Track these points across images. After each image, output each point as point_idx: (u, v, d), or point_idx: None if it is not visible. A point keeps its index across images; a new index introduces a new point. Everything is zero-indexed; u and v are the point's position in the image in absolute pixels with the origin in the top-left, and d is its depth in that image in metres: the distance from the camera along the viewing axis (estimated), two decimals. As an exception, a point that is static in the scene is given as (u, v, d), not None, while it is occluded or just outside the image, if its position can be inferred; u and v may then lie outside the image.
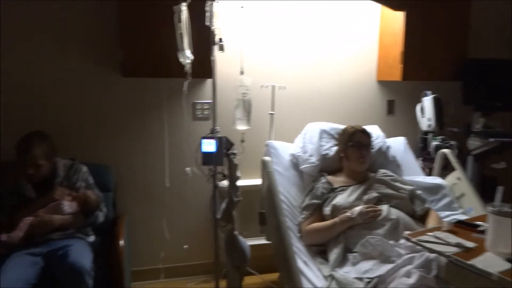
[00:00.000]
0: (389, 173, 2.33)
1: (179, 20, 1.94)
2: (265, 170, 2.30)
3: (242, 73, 2.23)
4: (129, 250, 2.41)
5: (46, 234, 2.14)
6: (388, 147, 2.56)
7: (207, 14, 1.99)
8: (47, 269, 2.05)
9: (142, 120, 2.70)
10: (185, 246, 2.72)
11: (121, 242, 2.17)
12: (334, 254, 2.01)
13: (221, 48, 2.01)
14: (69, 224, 2.19)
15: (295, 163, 2.47)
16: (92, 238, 2.31)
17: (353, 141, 2.28)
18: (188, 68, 1.99)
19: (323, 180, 2.28)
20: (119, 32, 2.40)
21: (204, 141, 2.05)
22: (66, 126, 2.55)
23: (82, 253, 2.05)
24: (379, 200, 2.14)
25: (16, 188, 2.18)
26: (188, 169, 2.18)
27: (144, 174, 2.75)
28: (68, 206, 2.18)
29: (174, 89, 2.64)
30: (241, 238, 2.23)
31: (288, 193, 2.33)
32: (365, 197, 2.15)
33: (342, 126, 2.44)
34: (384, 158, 2.50)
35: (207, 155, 2.04)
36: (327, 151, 2.43)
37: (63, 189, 2.23)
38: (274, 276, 2.68)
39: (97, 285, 1.99)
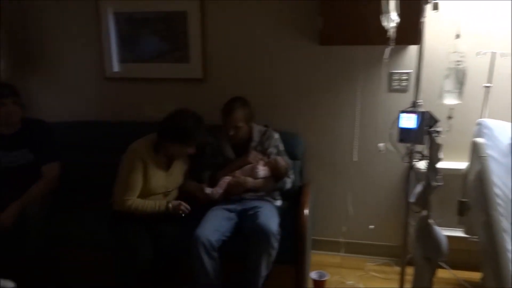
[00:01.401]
0: None
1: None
2: (476, 154, 1.94)
3: (458, 36, 1.87)
4: (312, 219, 2.42)
5: (240, 194, 2.31)
6: None
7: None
8: (239, 225, 2.22)
9: (335, 89, 2.60)
10: (371, 227, 2.58)
11: (306, 211, 2.17)
12: None
13: (436, 7, 1.70)
14: (260, 187, 2.32)
15: (517, 148, 2.00)
16: (279, 203, 2.41)
17: None
18: (392, 33, 1.77)
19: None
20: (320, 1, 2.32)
21: (403, 115, 1.82)
22: (263, 93, 2.65)
23: (270, 216, 2.15)
24: None
25: (218, 148, 2.40)
26: (381, 145, 1.99)
27: (332, 146, 2.68)
28: (262, 171, 2.30)
29: (370, 57, 2.46)
30: (437, 228, 1.96)
31: (505, 185, 1.91)
32: None
33: None
34: None
35: (405, 131, 1.80)
36: None
37: (256, 153, 2.36)
38: (470, 274, 2.33)
39: (281, 247, 2.06)
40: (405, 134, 1.82)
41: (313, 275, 2.39)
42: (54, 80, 2.94)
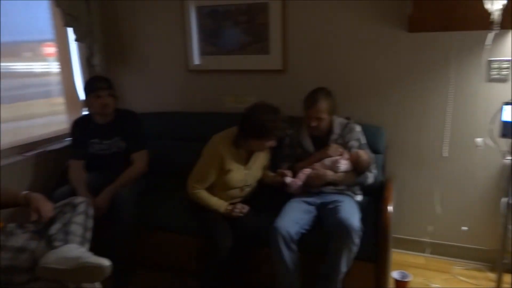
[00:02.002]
0: None
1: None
2: None
3: None
4: (395, 216, 2.31)
5: (320, 187, 2.27)
6: None
7: None
8: (318, 218, 2.18)
9: (424, 80, 2.44)
10: (464, 228, 2.40)
11: (390, 208, 2.07)
12: None
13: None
14: (340, 181, 2.25)
15: None
16: (359, 198, 2.33)
17: None
18: (496, 16, 1.60)
19: None
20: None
21: (506, 107, 1.65)
22: (345, 84, 2.57)
23: (351, 211, 2.08)
24: None
25: (297, 140, 2.37)
26: (479, 140, 1.84)
27: (419, 140, 2.53)
28: (343, 164, 2.23)
29: (465, 44, 2.27)
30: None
31: None
32: None
33: None
34: None
35: (509, 125, 1.64)
36: None
37: (336, 146, 2.29)
38: None
39: (361, 244, 1.99)
40: (509, 129, 1.65)
41: (395, 275, 2.28)
42: (143, 73, 3.11)
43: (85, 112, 2.70)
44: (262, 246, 2.14)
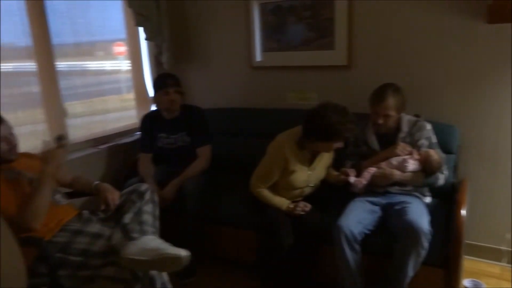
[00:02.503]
0: None
1: None
2: None
3: None
4: (468, 220, 2.16)
5: (385, 187, 2.18)
6: None
7: None
8: (383, 219, 2.10)
9: (504, 75, 2.26)
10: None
11: (463, 212, 1.94)
12: None
13: None
14: (408, 181, 2.15)
15: None
16: (428, 200, 2.22)
17: None
18: None
19: None
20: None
21: None
22: (414, 80, 2.45)
23: (420, 213, 1.98)
24: None
25: (363, 138, 2.30)
26: None
27: (496, 140, 2.35)
28: (412, 164, 2.12)
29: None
30: None
31: None
32: None
33: None
34: None
35: None
36: None
37: (404, 144, 2.18)
38: None
39: (430, 248, 1.88)
40: None
41: (467, 283, 2.14)
42: (208, 70, 3.19)
43: (154, 108, 2.82)
44: (324, 245, 2.12)
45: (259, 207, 2.27)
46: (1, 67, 2.21)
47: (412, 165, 2.12)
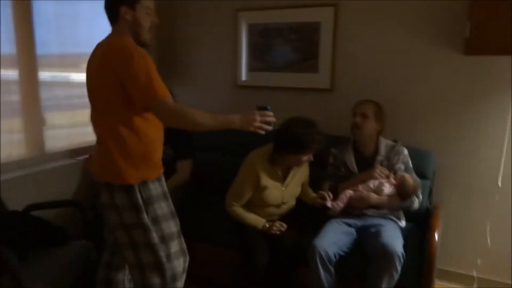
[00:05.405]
0: None
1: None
2: None
3: None
4: (441, 245, 2.20)
5: (362, 209, 2.21)
6: None
7: None
8: (358, 241, 2.12)
9: (480, 105, 2.34)
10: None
11: (436, 236, 1.97)
12: None
13: None
14: (384, 204, 2.19)
15: None
16: (403, 223, 2.25)
17: None
18: None
19: None
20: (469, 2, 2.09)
21: None
22: (393, 106, 2.51)
23: (395, 237, 2.01)
24: None
25: (343, 160, 2.34)
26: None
27: (470, 166, 2.41)
28: (388, 188, 2.16)
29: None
30: None
31: None
32: None
33: None
34: None
35: None
36: None
37: (382, 168, 2.23)
38: None
39: (403, 272, 1.90)
40: None
41: (438, 308, 2.16)
42: (194, 85, 3.21)
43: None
44: (299, 265, 2.12)
45: (236, 225, 2.26)
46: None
47: (388, 188, 2.16)
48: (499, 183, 2.32)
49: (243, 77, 3.00)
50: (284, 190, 2.25)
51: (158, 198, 1.72)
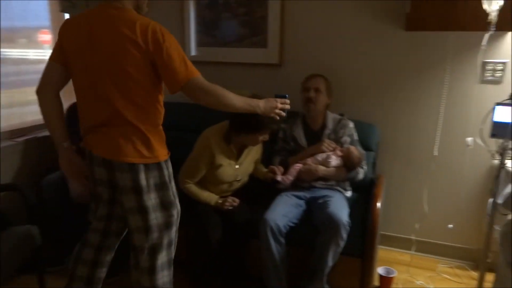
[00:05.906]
0: None
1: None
2: None
3: None
4: (383, 213, 2.34)
5: (310, 181, 2.29)
6: None
7: None
8: (308, 213, 2.21)
9: (418, 79, 2.46)
10: (450, 226, 2.44)
11: (378, 204, 2.10)
12: None
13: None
14: (331, 176, 2.28)
15: None
16: (349, 194, 2.36)
17: None
18: (493, 17, 1.62)
19: None
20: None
21: (499, 108, 1.67)
22: (340, 81, 2.57)
23: (340, 206, 2.10)
24: None
25: (291, 135, 2.39)
26: (470, 139, 1.87)
27: (410, 138, 2.56)
28: (335, 160, 2.25)
29: (461, 45, 2.30)
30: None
31: None
32: None
33: None
34: None
35: (500, 125, 1.66)
36: None
37: (329, 141, 2.31)
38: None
39: (349, 239, 2.01)
40: (499, 129, 1.69)
41: (380, 270, 2.31)
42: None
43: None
44: (252, 239, 2.16)
45: (188, 202, 2.26)
46: None
47: (335, 160, 2.25)
48: (435, 153, 2.48)
49: (192, 52, 2.94)
50: (238, 168, 2.27)
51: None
